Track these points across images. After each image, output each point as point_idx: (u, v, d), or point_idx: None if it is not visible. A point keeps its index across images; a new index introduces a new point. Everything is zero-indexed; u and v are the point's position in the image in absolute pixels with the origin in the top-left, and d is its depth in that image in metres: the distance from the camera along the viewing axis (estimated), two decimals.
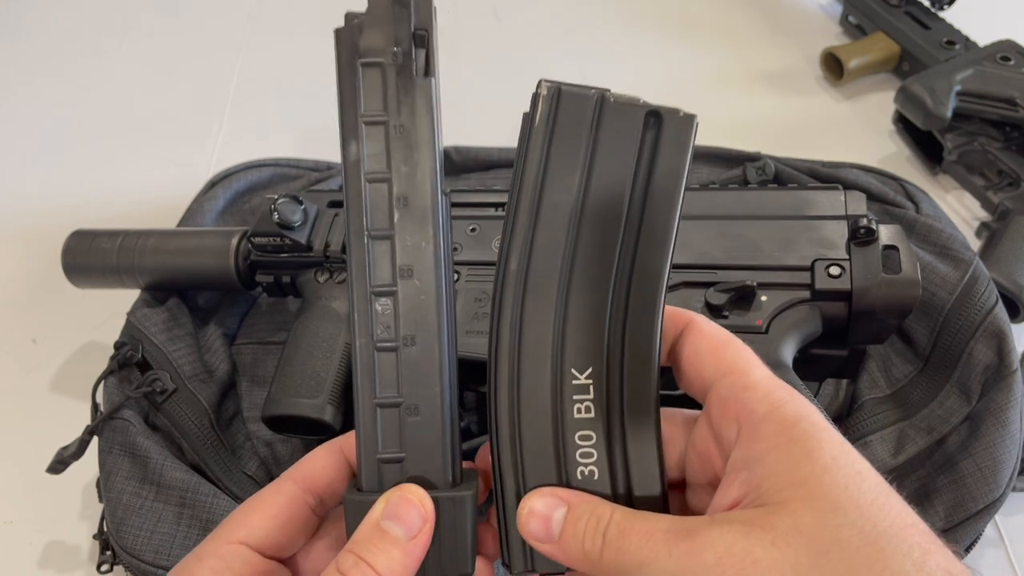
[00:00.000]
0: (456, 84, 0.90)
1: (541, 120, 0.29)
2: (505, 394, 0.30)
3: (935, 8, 0.85)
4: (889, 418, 0.54)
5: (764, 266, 0.52)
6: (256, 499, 0.32)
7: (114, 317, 0.61)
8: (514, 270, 0.30)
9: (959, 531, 0.48)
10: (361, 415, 0.31)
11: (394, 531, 0.29)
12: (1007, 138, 0.73)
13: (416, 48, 0.29)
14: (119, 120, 0.86)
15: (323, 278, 0.58)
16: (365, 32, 0.29)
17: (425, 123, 0.30)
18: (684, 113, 0.29)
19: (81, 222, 0.63)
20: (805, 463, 0.26)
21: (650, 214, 0.29)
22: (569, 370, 0.30)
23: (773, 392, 0.28)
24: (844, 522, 0.25)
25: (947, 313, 0.54)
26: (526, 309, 0.30)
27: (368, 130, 0.30)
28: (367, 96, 0.30)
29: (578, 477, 0.30)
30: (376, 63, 0.29)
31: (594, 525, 0.28)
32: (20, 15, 1.00)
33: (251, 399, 0.60)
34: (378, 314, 0.30)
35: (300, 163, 0.72)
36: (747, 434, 0.28)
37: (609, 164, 0.29)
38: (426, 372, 0.31)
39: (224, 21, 0.98)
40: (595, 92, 0.29)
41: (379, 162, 0.30)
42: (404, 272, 0.30)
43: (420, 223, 0.30)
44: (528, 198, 0.30)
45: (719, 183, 0.66)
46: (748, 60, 0.90)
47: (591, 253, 0.30)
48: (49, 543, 0.55)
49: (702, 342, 0.31)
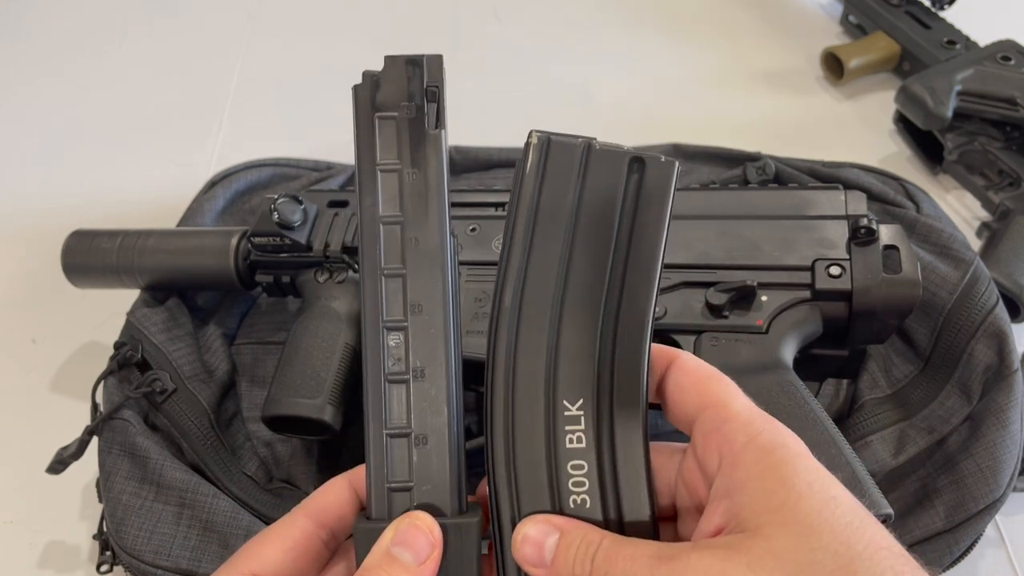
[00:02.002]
0: (456, 84, 0.90)
1: (532, 167, 0.32)
2: (501, 426, 0.32)
3: (935, 8, 0.85)
4: (890, 418, 0.54)
5: (764, 266, 0.52)
6: (270, 531, 0.33)
7: (114, 317, 0.61)
8: (508, 306, 0.32)
9: (959, 531, 0.48)
10: (372, 445, 0.32)
11: (404, 557, 0.30)
12: (1007, 138, 0.73)
13: (428, 103, 0.32)
14: (119, 120, 0.86)
15: (323, 278, 0.58)
16: (382, 88, 0.32)
17: (436, 171, 0.32)
18: (665, 159, 0.31)
19: (81, 222, 0.63)
20: (781, 490, 0.27)
21: (636, 253, 0.31)
22: (561, 401, 0.32)
23: (752, 422, 0.29)
24: (818, 546, 0.25)
25: (948, 313, 0.54)
26: (520, 345, 0.32)
27: (383, 177, 0.32)
28: (383, 146, 0.32)
29: (571, 505, 0.31)
30: (391, 116, 0.32)
31: (584, 551, 0.29)
32: (20, 15, 1.00)
33: (251, 399, 0.60)
34: (390, 348, 0.32)
35: (300, 163, 0.72)
36: (728, 463, 0.29)
37: (596, 206, 0.31)
38: (435, 403, 0.32)
39: (224, 21, 0.98)
40: (582, 140, 0.31)
41: (393, 206, 0.32)
42: (415, 308, 0.32)
43: (430, 262, 0.32)
44: (521, 238, 0.32)
45: (719, 183, 0.66)
46: (748, 60, 0.90)
47: (581, 290, 0.32)
48: (49, 543, 0.55)
49: (686, 378, 0.32)
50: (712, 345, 0.51)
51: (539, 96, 0.86)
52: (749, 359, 0.50)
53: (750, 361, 0.50)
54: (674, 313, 0.52)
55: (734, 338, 0.51)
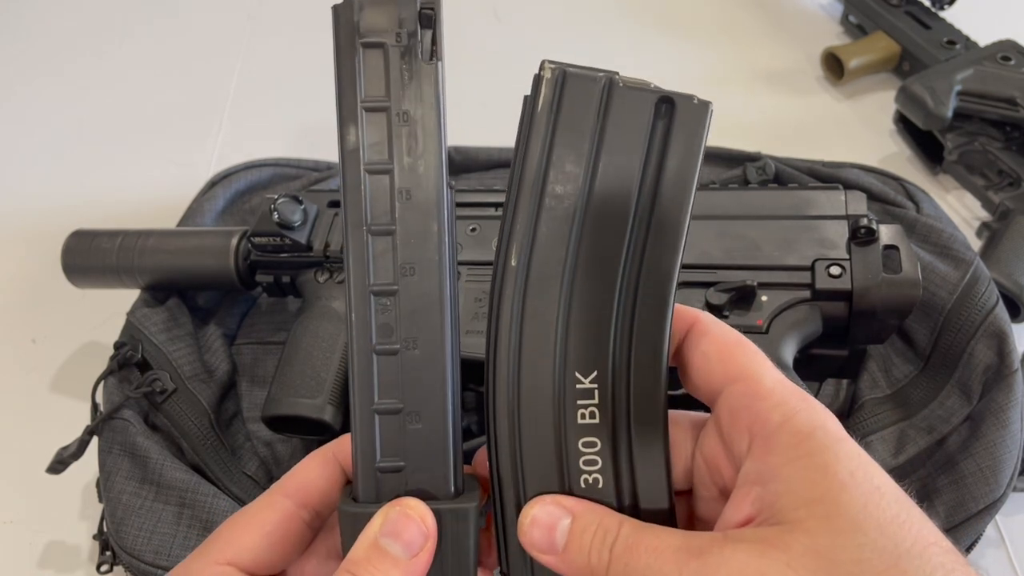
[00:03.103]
0: (456, 84, 0.90)
1: (544, 105, 0.27)
2: (504, 398, 0.29)
3: (935, 8, 0.84)
4: (890, 418, 0.54)
5: (764, 266, 0.52)
6: (246, 514, 0.30)
7: (114, 317, 0.61)
8: (514, 267, 0.28)
9: (959, 531, 0.48)
10: (358, 422, 0.29)
11: (393, 550, 0.27)
12: (1007, 138, 0.73)
13: (422, 29, 0.27)
14: (119, 120, 0.86)
15: (323, 278, 0.58)
16: (367, 10, 0.27)
17: (431, 111, 0.28)
18: (699, 100, 0.27)
19: (81, 222, 0.63)
20: (821, 479, 0.25)
21: (660, 209, 0.28)
22: (573, 373, 0.29)
23: (787, 400, 0.27)
24: (864, 542, 0.23)
25: (948, 313, 0.54)
26: (526, 309, 0.28)
27: (368, 116, 0.28)
28: (368, 80, 0.27)
29: (581, 485, 0.29)
30: (378, 44, 0.27)
31: (601, 538, 0.27)
32: (20, 15, 1.00)
33: (251, 399, 0.60)
34: (378, 315, 0.28)
35: (300, 163, 0.72)
36: (760, 446, 0.26)
37: (617, 154, 0.27)
38: (429, 376, 0.29)
39: (224, 21, 0.98)
40: (603, 75, 0.27)
41: (380, 152, 0.28)
42: (406, 270, 0.28)
43: (424, 218, 0.28)
44: (529, 189, 0.28)
45: (719, 183, 0.66)
46: (749, 59, 0.89)
47: (597, 250, 0.28)
48: (49, 543, 0.55)
49: (710, 344, 0.29)
50: None
51: None
52: None
53: None
54: None
55: None
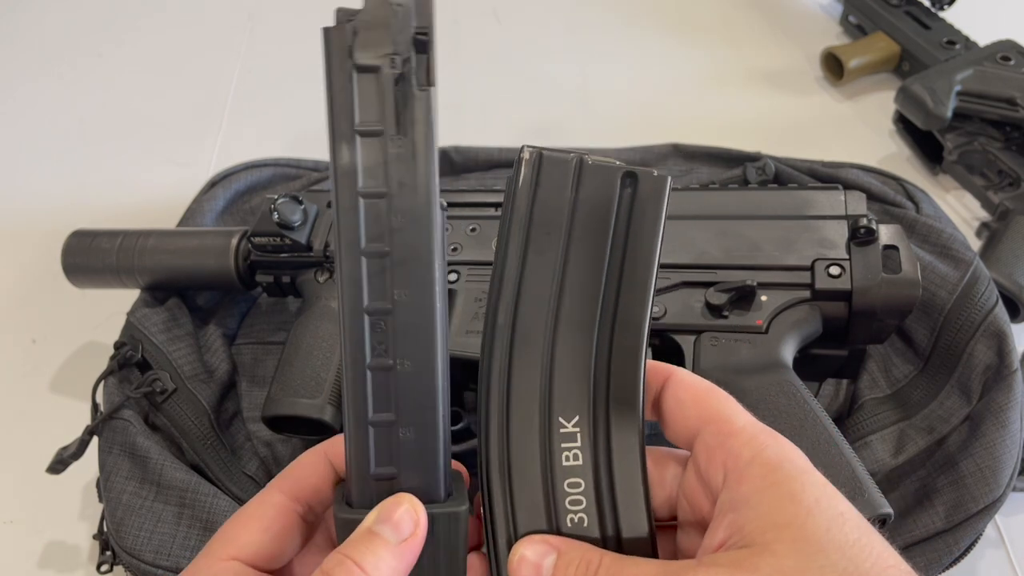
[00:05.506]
0: (456, 84, 0.90)
1: (524, 183, 0.31)
2: (496, 443, 0.31)
3: (935, 8, 0.85)
4: (889, 418, 0.54)
5: (764, 266, 0.52)
6: (245, 512, 0.32)
7: (114, 317, 0.61)
8: (502, 324, 0.31)
9: (959, 531, 0.48)
10: (352, 434, 0.30)
11: (384, 533, 0.29)
12: (1007, 138, 0.73)
13: (417, 54, 0.27)
14: (119, 120, 0.86)
15: (323, 278, 0.58)
16: (360, 34, 0.27)
17: (424, 137, 0.28)
18: (657, 174, 0.31)
19: (81, 222, 0.63)
20: (788, 505, 0.27)
21: (630, 266, 0.31)
22: (557, 418, 0.31)
23: (757, 436, 0.29)
24: (827, 564, 0.25)
25: (947, 313, 0.54)
26: (514, 361, 0.31)
27: (363, 141, 0.28)
28: (362, 105, 0.27)
29: (568, 524, 0.31)
30: (373, 69, 0.27)
31: (583, 570, 0.29)
32: (20, 15, 1.00)
33: (251, 399, 0.60)
34: (372, 334, 0.29)
35: (300, 163, 0.72)
36: (733, 478, 0.28)
37: (590, 221, 0.31)
38: (422, 391, 0.30)
39: (224, 21, 0.98)
40: (574, 156, 0.31)
41: (375, 176, 0.28)
42: (400, 291, 0.29)
43: (417, 240, 0.29)
44: (514, 254, 0.31)
45: (719, 183, 0.66)
46: (748, 60, 0.90)
47: (575, 307, 0.31)
48: (49, 543, 0.55)
49: (685, 392, 0.32)
50: (712, 345, 0.51)
51: (539, 96, 0.86)
52: (749, 359, 0.50)
53: (750, 361, 0.50)
54: (674, 313, 0.52)
55: (734, 338, 0.51)
